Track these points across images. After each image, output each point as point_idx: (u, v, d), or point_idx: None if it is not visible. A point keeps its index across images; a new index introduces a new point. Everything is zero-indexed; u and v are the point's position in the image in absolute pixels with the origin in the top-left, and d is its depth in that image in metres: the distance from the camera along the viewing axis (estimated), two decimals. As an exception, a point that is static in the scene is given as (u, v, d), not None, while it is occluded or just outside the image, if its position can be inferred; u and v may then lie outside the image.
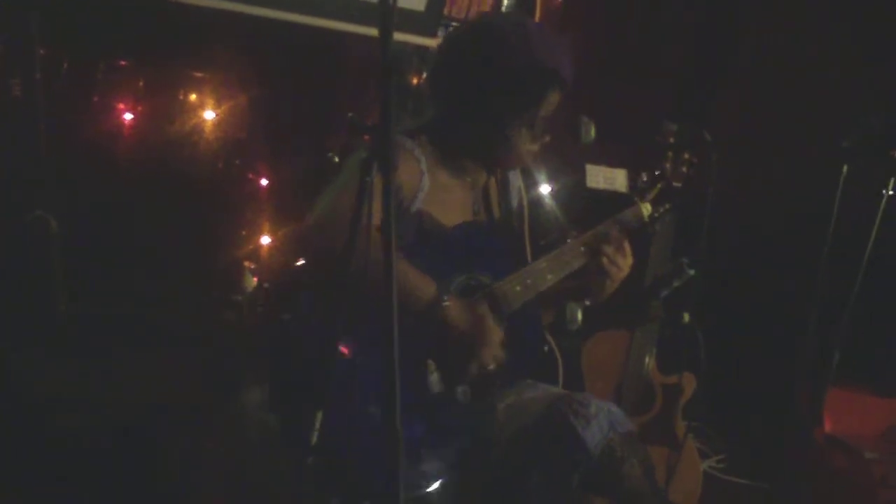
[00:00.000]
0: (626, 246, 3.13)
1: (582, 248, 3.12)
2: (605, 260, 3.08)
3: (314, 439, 2.30)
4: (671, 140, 4.01)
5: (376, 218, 2.14)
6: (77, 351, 3.87)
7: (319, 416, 2.29)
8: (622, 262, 3.11)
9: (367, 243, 2.26)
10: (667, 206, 3.30)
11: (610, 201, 4.86)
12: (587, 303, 3.18)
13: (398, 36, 3.73)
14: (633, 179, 3.82)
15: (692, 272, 3.30)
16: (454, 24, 4.77)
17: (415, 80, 4.63)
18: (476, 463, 2.92)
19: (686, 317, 3.43)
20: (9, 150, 3.29)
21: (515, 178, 3.35)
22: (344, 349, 2.60)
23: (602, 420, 2.85)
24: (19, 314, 3.56)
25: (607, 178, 4.88)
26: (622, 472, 2.86)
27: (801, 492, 4.26)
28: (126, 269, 4.21)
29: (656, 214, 3.28)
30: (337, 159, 2.65)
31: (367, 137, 2.20)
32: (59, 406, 3.64)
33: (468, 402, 2.90)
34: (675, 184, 4.07)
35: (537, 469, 2.89)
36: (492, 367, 2.90)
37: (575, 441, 2.82)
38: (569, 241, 3.16)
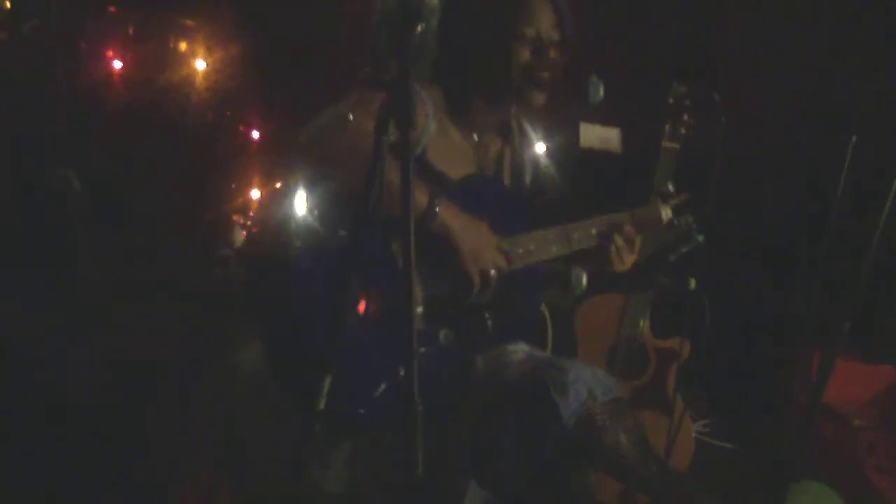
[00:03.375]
0: (637, 242, 3.12)
1: (594, 232, 3.10)
2: (612, 250, 3.07)
3: (321, 405, 2.23)
4: (673, 101, 3.99)
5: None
6: (62, 306, 3.81)
7: (328, 381, 2.21)
8: (627, 258, 3.11)
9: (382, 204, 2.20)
10: (689, 218, 3.27)
11: (604, 161, 4.83)
12: None
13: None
14: (659, 175, 3.78)
15: (700, 238, 3.26)
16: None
17: (418, 29, 4.55)
18: (448, 417, 2.87)
19: (693, 282, 3.40)
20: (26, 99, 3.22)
21: (531, 146, 3.31)
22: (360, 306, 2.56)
23: (580, 388, 2.79)
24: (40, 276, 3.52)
25: (602, 137, 4.82)
26: (603, 441, 2.81)
27: (788, 458, 4.25)
28: (113, 222, 4.13)
29: (675, 222, 3.25)
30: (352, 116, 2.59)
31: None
32: (47, 361, 3.58)
33: (449, 345, 2.85)
34: (672, 145, 4.05)
35: (511, 434, 2.83)
36: (493, 273, 2.88)
37: (549, 409, 2.76)
38: (586, 220, 3.12)
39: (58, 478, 3.29)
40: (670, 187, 3.46)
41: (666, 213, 3.23)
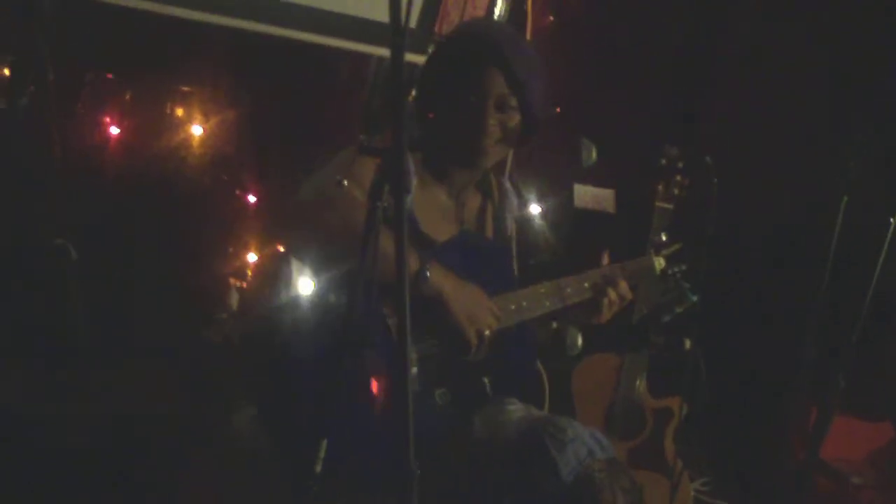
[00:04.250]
0: (629, 295, 3.14)
1: (586, 285, 3.12)
2: (605, 302, 3.10)
3: (318, 468, 2.24)
4: (665, 163, 4.03)
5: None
6: (58, 363, 3.81)
7: (324, 444, 2.22)
8: (618, 311, 3.14)
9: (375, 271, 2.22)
10: (682, 267, 3.31)
11: (598, 221, 4.86)
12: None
13: (388, 52, 3.69)
14: (653, 234, 3.82)
15: (694, 298, 3.28)
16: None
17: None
18: (446, 476, 2.85)
19: (688, 343, 3.41)
20: (22, 168, 3.24)
21: (510, 200, 3.34)
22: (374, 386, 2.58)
23: (579, 446, 2.80)
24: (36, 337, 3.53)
25: (596, 197, 4.87)
26: (601, 499, 2.81)
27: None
28: (109, 284, 4.13)
29: (669, 272, 3.29)
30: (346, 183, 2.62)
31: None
32: (42, 419, 3.58)
33: (445, 405, 2.86)
34: (665, 205, 4.08)
35: (510, 491, 2.83)
36: (487, 332, 2.89)
37: (549, 466, 2.76)
38: (580, 275, 3.15)
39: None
40: (663, 237, 3.48)
41: (659, 262, 3.27)
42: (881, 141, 3.75)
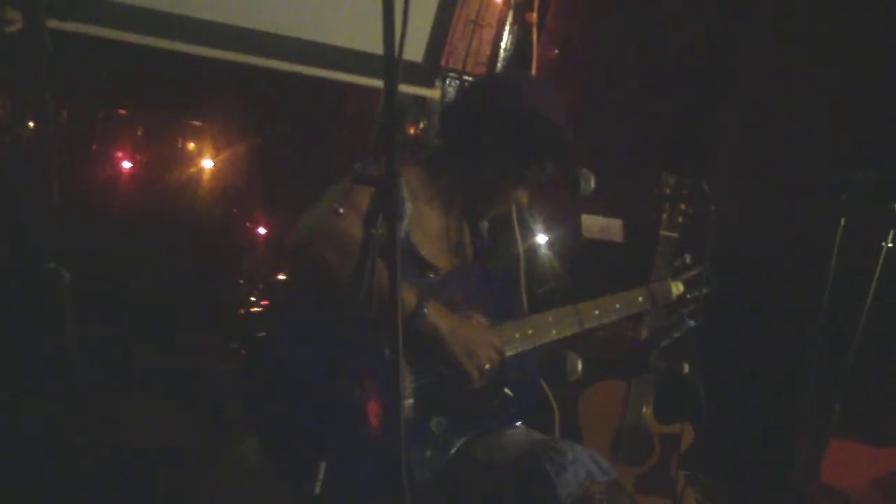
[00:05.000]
0: (638, 327, 3.22)
1: (596, 312, 3.16)
2: (629, 336, 3.21)
3: (317, 490, 2.28)
4: (668, 192, 4.06)
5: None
6: (61, 397, 3.85)
7: (323, 466, 2.26)
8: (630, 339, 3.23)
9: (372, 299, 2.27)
10: (703, 291, 3.33)
11: (606, 251, 4.89)
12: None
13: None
14: (676, 258, 3.86)
15: (692, 323, 3.31)
16: (451, 74, 4.82)
17: (412, 130, 4.66)
18: (444, 498, 2.88)
19: (686, 367, 3.44)
20: (20, 199, 3.30)
21: (522, 229, 3.37)
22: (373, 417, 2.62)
23: (579, 468, 2.81)
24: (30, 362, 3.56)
25: (603, 227, 4.90)
26: None
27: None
28: (122, 317, 4.19)
29: (688, 296, 3.31)
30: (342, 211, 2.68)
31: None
32: (54, 451, 3.61)
33: (441, 433, 2.88)
34: (670, 233, 4.11)
35: None
36: (487, 366, 2.90)
37: (547, 488, 2.77)
38: (580, 304, 3.17)
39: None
40: (687, 260, 3.48)
41: (676, 287, 3.29)
42: (873, 173, 3.78)
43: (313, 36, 4.28)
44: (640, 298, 3.25)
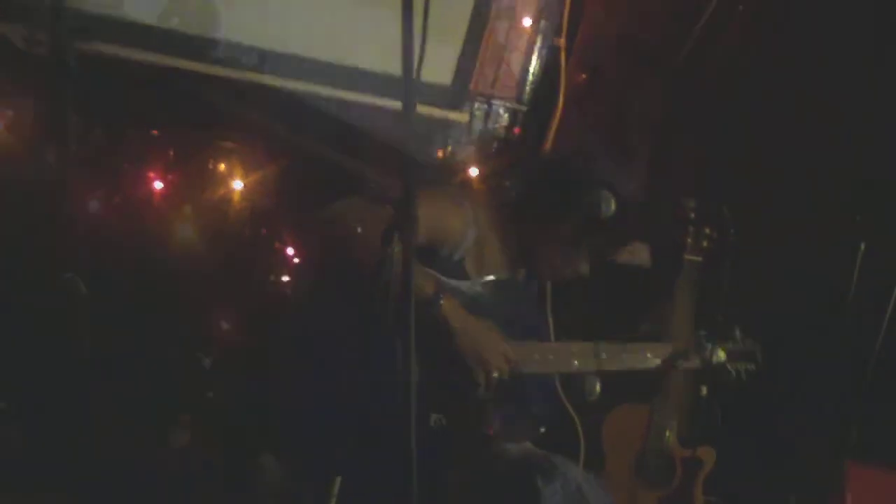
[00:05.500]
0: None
1: (624, 356, 3.21)
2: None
3: (332, 504, 2.32)
4: (692, 216, 4.09)
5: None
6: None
7: (337, 482, 2.30)
8: None
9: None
10: (750, 365, 3.34)
11: (632, 276, 4.90)
12: None
13: (425, 109, 3.82)
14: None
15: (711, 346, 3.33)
16: (479, 98, 4.86)
17: (440, 154, 4.70)
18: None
19: (704, 390, 3.45)
20: (42, 215, 3.36)
21: None
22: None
23: (569, 482, 2.85)
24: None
25: (630, 251, 4.91)
26: None
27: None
28: (151, 336, 4.24)
29: (729, 366, 3.32)
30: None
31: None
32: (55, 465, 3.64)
33: (439, 430, 2.90)
34: (694, 258, 4.13)
35: None
36: (496, 374, 2.91)
37: (533, 498, 2.80)
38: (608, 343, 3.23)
39: None
40: (737, 333, 3.48)
41: (718, 356, 3.30)
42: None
43: (339, 58, 4.34)
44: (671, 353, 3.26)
